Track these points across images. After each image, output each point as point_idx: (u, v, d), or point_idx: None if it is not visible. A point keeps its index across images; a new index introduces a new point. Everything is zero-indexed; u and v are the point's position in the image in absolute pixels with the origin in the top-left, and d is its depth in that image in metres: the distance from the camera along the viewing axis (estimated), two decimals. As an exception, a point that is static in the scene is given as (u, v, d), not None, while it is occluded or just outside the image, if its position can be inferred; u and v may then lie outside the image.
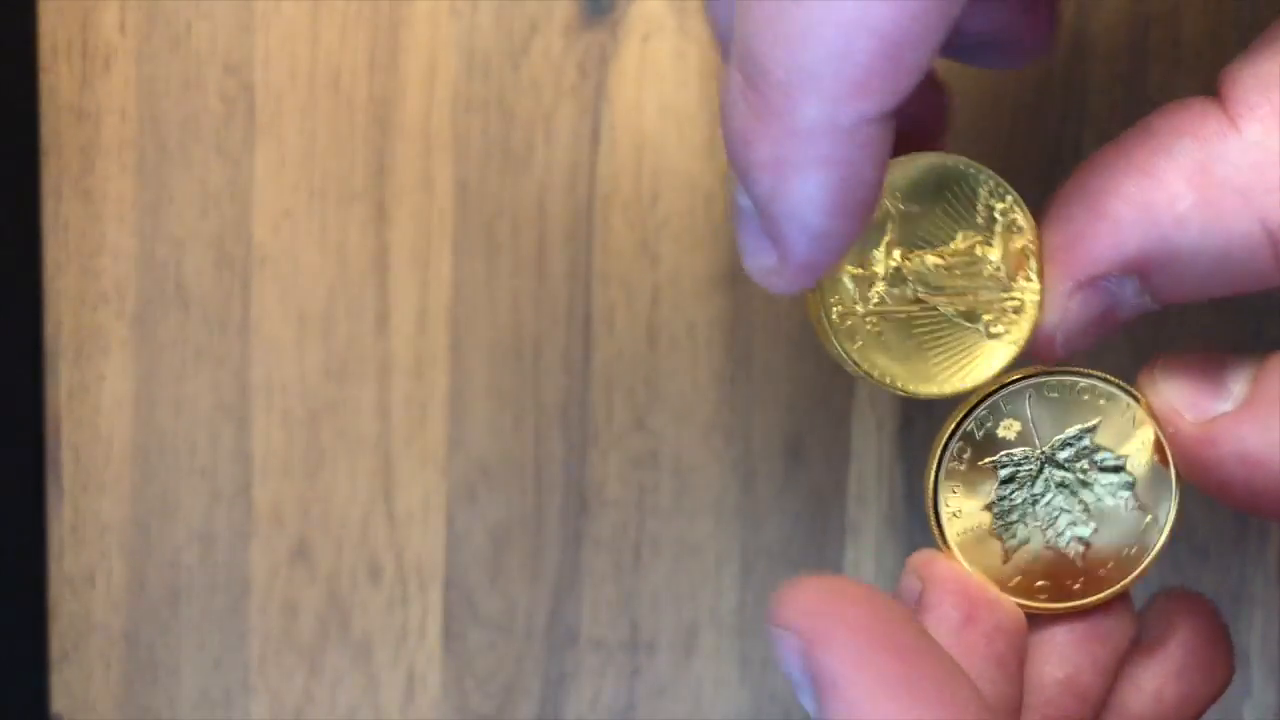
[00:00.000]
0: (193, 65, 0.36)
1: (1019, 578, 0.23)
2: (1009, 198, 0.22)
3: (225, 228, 0.37)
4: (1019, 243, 0.21)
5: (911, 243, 0.21)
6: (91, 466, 0.38)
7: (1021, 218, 0.22)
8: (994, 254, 0.21)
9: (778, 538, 0.37)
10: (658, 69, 0.35)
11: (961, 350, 0.22)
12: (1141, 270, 0.20)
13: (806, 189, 0.18)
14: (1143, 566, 0.23)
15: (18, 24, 0.36)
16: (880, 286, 0.21)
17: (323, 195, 0.36)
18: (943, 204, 0.21)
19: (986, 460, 0.23)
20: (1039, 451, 0.23)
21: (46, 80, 0.36)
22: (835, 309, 0.21)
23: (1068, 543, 0.23)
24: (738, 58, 0.19)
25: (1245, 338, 0.35)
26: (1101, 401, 0.23)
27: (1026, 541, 0.23)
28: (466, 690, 0.38)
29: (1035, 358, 0.23)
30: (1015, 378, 0.23)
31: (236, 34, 0.36)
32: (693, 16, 0.35)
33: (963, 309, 0.21)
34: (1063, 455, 0.23)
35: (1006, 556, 0.23)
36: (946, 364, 0.22)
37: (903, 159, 0.21)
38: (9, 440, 0.37)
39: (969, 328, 0.22)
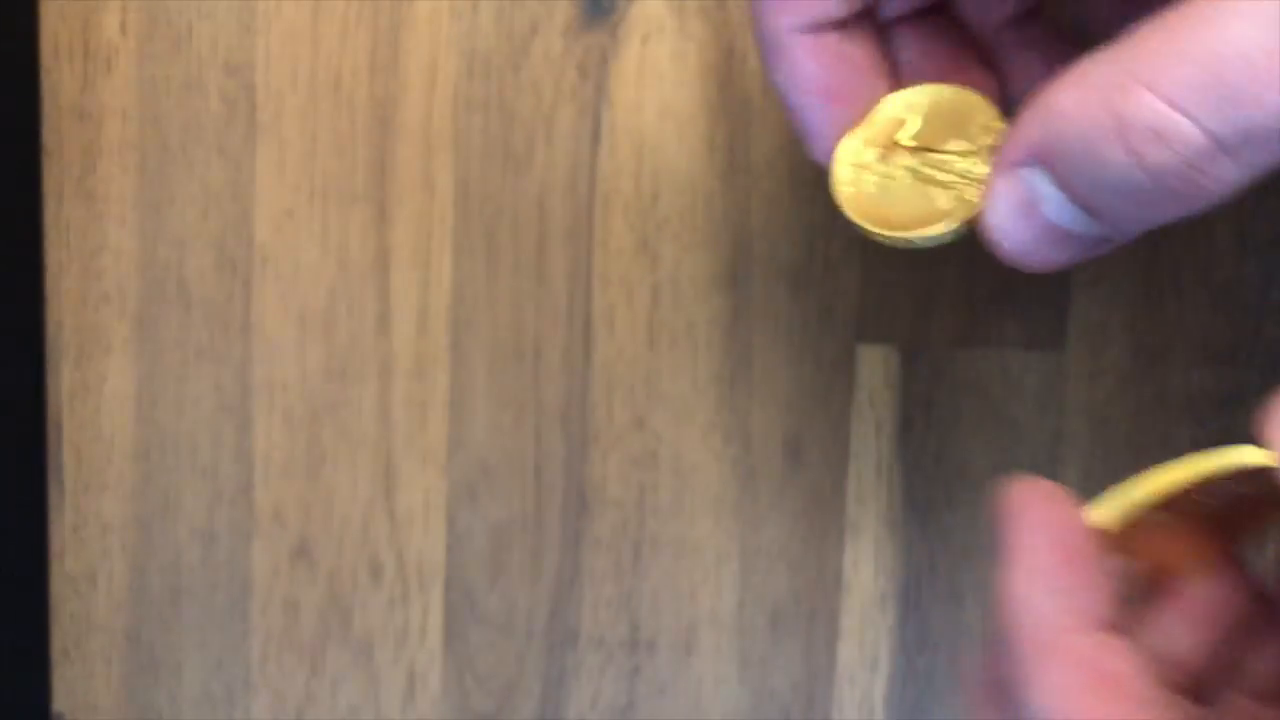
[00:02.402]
0: (194, 66, 0.36)
1: None
2: (1006, 126, 0.25)
3: (226, 228, 0.37)
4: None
5: (925, 134, 0.27)
6: (93, 466, 0.38)
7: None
8: (979, 163, 0.26)
9: (777, 537, 0.37)
10: (657, 70, 0.35)
11: (922, 211, 0.26)
12: (1044, 159, 0.23)
13: (777, 73, 0.27)
14: None
15: (19, 25, 0.36)
16: (881, 155, 0.27)
17: (324, 196, 0.36)
18: (953, 117, 0.27)
19: None
20: None
21: (48, 81, 0.37)
22: (845, 162, 0.27)
23: None
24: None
25: (1244, 336, 0.35)
26: None
27: None
28: (467, 689, 0.38)
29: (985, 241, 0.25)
30: None
31: (238, 35, 0.36)
32: (692, 18, 0.35)
33: (934, 183, 0.26)
34: None
35: None
36: (908, 220, 0.26)
37: (925, 87, 0.27)
38: (11, 440, 0.37)
39: (932, 197, 0.26)
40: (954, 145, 0.27)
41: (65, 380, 0.37)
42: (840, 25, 0.27)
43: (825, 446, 0.36)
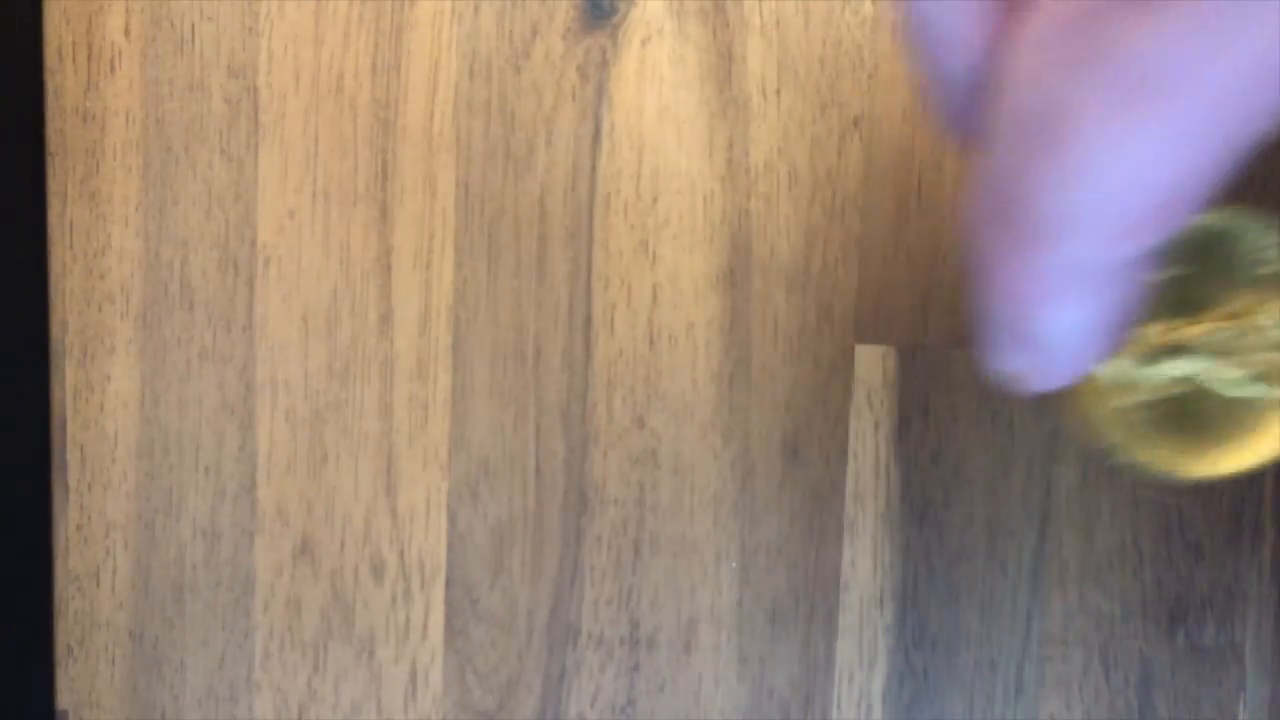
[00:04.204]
0: (197, 68, 0.36)
1: None
2: None
3: (229, 229, 0.37)
4: None
5: (1177, 314, 0.19)
6: (97, 465, 0.38)
7: None
8: (1273, 312, 0.18)
9: (776, 535, 0.37)
10: (657, 72, 0.36)
11: (1247, 422, 0.18)
12: None
13: (1060, 319, 0.17)
14: None
15: (24, 27, 0.36)
16: (1148, 369, 0.19)
17: (326, 196, 0.37)
18: (1207, 267, 0.19)
19: None
20: None
21: (52, 83, 0.37)
22: (1101, 402, 0.19)
23: None
24: (991, 180, 0.17)
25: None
26: None
27: None
28: (468, 686, 0.38)
29: None
30: None
31: (240, 37, 0.36)
32: (692, 20, 0.35)
33: (1247, 376, 0.18)
34: None
35: None
36: (1231, 439, 0.19)
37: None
38: (16, 439, 0.38)
39: (1253, 397, 0.18)
40: (1227, 304, 0.18)
41: (69, 380, 0.38)
42: None
43: (823, 446, 0.37)
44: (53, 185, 0.37)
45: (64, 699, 0.39)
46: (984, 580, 0.37)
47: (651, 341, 0.36)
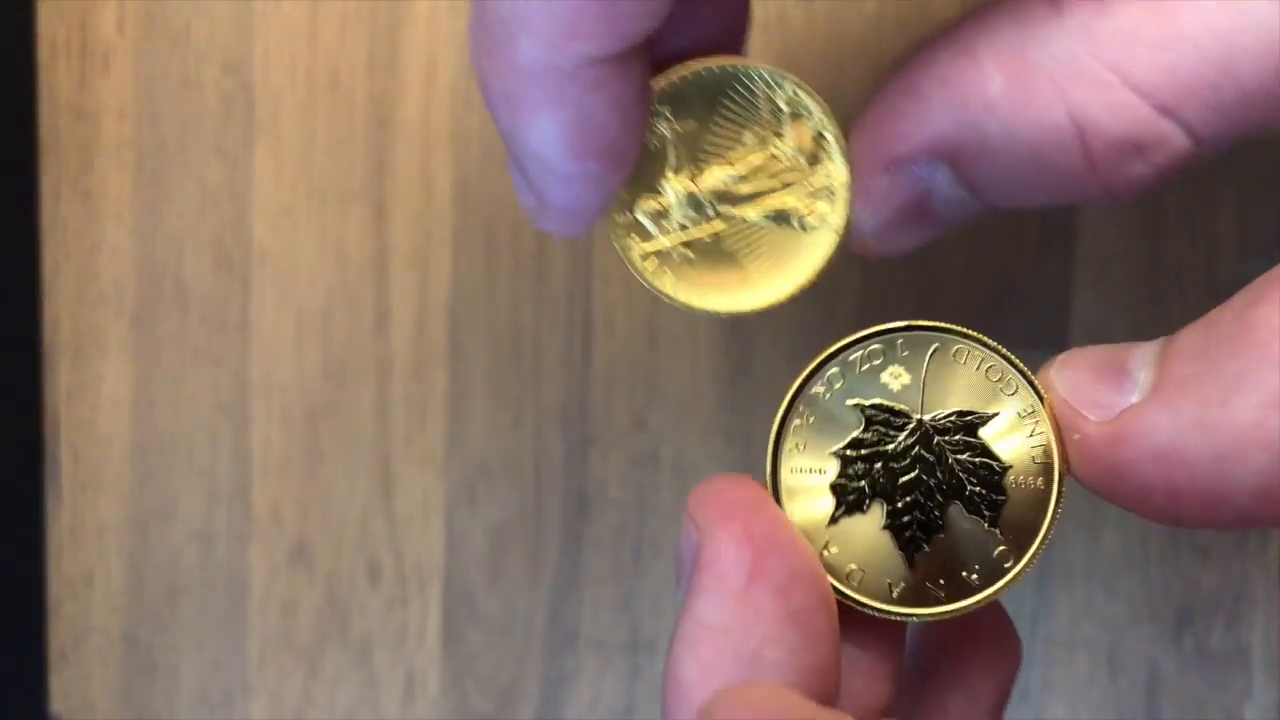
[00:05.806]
0: (191, 64, 0.36)
1: (836, 549, 0.20)
2: (788, 84, 0.20)
3: (224, 227, 0.37)
4: (810, 128, 0.20)
5: (698, 159, 0.20)
6: (90, 466, 0.38)
7: (808, 101, 0.20)
8: (787, 146, 0.20)
9: (778, 538, 0.37)
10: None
11: (782, 252, 0.20)
12: (951, 156, 0.18)
13: (539, 128, 0.18)
14: (978, 598, 0.19)
15: (16, 23, 0.36)
16: (678, 214, 0.20)
17: (322, 194, 0.36)
18: (719, 110, 0.20)
19: (855, 401, 0.20)
20: (919, 419, 0.20)
21: (45, 79, 0.36)
22: (636, 250, 0.20)
23: (905, 534, 0.20)
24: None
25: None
26: (1008, 394, 0.20)
27: (862, 510, 0.20)
28: (466, 691, 0.38)
29: (853, 249, 0.20)
30: (923, 323, 0.19)
31: (235, 33, 0.36)
32: (693, 15, 0.35)
33: (770, 211, 0.20)
34: (944, 436, 0.20)
35: (834, 518, 0.20)
36: (770, 270, 0.20)
37: (664, 74, 0.20)
38: (7, 440, 0.37)
39: (783, 228, 0.20)
40: (745, 143, 0.20)
41: (62, 380, 0.37)
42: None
43: (826, 447, 0.36)
44: (45, 183, 0.37)
45: (57, 703, 0.38)
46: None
47: (651, 341, 0.36)
